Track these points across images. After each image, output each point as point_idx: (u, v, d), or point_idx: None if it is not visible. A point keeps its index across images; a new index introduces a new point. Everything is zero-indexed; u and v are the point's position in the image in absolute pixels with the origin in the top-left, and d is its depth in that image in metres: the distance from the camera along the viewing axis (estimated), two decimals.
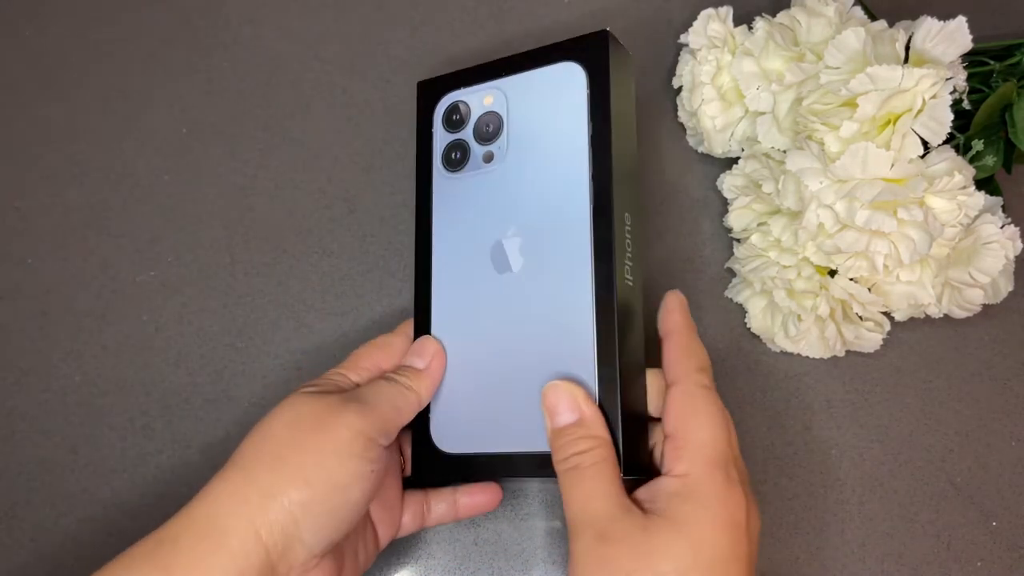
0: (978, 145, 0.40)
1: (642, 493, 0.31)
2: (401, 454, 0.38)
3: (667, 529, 0.29)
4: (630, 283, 0.33)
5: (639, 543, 0.29)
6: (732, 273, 0.45)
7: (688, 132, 0.47)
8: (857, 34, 0.36)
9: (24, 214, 0.45)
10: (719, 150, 0.45)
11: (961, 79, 0.37)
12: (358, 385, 0.35)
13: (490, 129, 0.37)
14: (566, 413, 0.32)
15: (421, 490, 0.38)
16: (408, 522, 0.37)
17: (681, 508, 0.29)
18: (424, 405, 0.35)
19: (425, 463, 0.36)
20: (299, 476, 0.29)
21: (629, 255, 0.34)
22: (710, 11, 0.44)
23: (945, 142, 0.36)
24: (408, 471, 0.38)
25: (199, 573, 0.28)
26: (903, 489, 0.42)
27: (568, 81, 0.35)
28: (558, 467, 0.31)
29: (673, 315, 0.34)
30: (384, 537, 0.36)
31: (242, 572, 0.28)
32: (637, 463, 0.32)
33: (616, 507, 0.30)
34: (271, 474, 0.30)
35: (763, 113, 0.41)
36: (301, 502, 0.29)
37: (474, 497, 0.38)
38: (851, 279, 0.39)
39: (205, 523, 0.29)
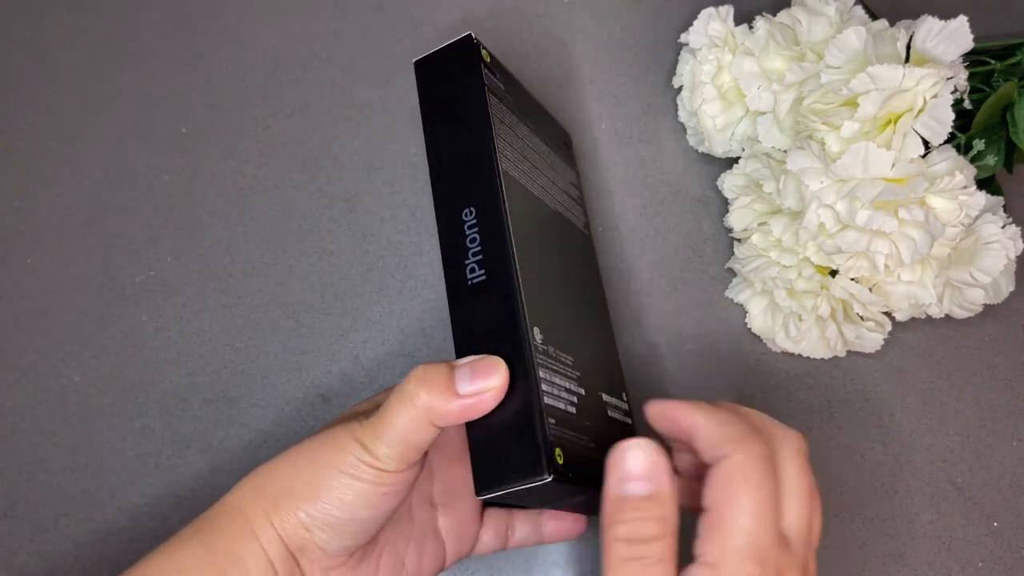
0: (979, 145, 0.40)
1: None
2: None
3: None
4: (476, 281, 0.32)
5: None
6: (732, 273, 0.45)
7: (688, 132, 0.47)
8: (858, 33, 0.36)
9: (24, 214, 0.45)
10: (719, 150, 0.44)
11: (962, 78, 0.37)
12: None
13: None
14: None
15: (506, 510, 0.38)
16: (489, 541, 0.37)
17: None
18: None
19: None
20: (307, 489, 0.30)
21: (475, 249, 0.32)
22: (710, 10, 0.44)
23: (946, 142, 0.35)
24: None
25: (233, 553, 0.30)
26: (904, 490, 0.42)
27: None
28: None
29: (678, 416, 0.29)
30: (454, 550, 0.36)
31: (269, 556, 0.30)
32: (496, 475, 0.29)
33: None
34: (284, 479, 0.31)
35: (764, 113, 0.41)
36: (308, 512, 0.30)
37: (561, 522, 0.37)
38: (852, 279, 0.39)
39: (234, 509, 0.31)
